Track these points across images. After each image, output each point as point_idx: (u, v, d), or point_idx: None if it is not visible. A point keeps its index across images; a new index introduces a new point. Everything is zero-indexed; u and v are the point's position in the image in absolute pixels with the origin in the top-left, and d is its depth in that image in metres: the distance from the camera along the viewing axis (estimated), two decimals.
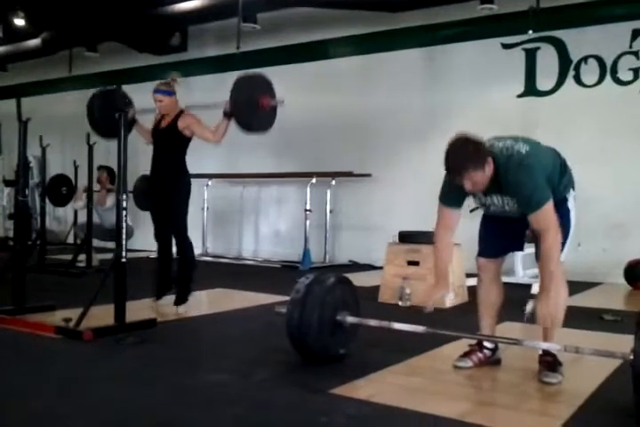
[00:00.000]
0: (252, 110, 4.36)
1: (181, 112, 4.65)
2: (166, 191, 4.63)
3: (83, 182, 7.36)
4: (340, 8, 7.91)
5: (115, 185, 5.73)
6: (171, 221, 4.67)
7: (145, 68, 9.96)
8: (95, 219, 7.12)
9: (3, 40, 10.32)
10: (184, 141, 4.63)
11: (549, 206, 2.79)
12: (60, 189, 7.46)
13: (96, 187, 7.24)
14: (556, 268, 2.84)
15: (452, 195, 3.06)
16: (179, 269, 4.74)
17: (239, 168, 8.98)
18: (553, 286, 2.79)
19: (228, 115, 4.41)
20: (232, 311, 4.83)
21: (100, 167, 7.36)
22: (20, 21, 9.60)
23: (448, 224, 3.16)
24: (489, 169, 2.79)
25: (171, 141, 4.63)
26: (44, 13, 9.39)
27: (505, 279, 6.45)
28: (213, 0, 8.17)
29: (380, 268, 5.68)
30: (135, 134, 4.79)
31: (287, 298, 3.19)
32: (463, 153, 2.75)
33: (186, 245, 4.68)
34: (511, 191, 2.86)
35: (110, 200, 7.11)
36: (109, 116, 4.22)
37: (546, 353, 3.03)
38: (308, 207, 7.94)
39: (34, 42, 10.09)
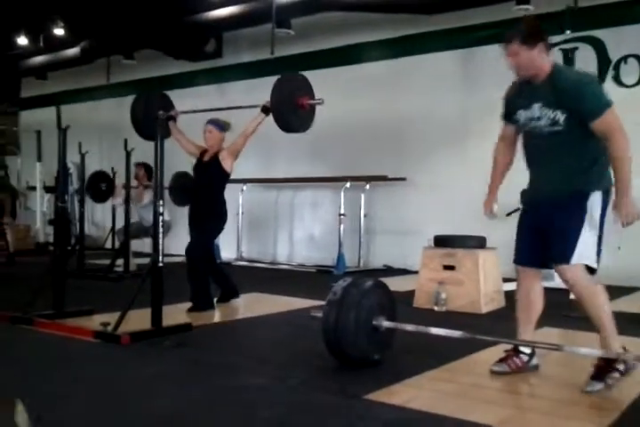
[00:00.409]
0: (292, 110, 4.43)
1: (221, 149, 4.99)
2: (200, 221, 4.98)
3: (121, 180, 7.44)
4: (373, 11, 7.90)
5: (152, 182, 5.81)
6: (192, 236, 5.04)
7: (181, 75, 10.10)
8: (134, 218, 7.20)
9: (43, 49, 10.58)
10: (224, 176, 4.98)
11: (613, 110, 2.81)
12: (99, 186, 7.54)
13: (134, 183, 7.33)
14: (629, 169, 2.78)
15: (505, 110, 3.23)
16: (193, 280, 5.01)
17: (274, 173, 9.02)
18: (626, 186, 2.77)
19: (265, 111, 4.59)
20: (267, 316, 4.84)
21: (138, 164, 7.43)
22: (59, 31, 9.83)
23: (504, 135, 3.29)
24: (538, 57, 2.86)
25: (212, 176, 4.96)
26: (82, 23, 9.60)
27: (544, 284, 6.36)
28: (248, 6, 8.26)
29: (415, 272, 5.64)
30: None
31: (322, 303, 3.18)
32: (519, 26, 2.90)
33: (199, 259, 4.98)
34: (566, 99, 2.82)
35: (147, 197, 7.16)
36: (151, 119, 4.46)
37: (601, 357, 2.93)
38: (342, 212, 7.93)
39: (73, 51, 10.33)
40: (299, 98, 4.43)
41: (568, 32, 6.80)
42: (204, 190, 5.00)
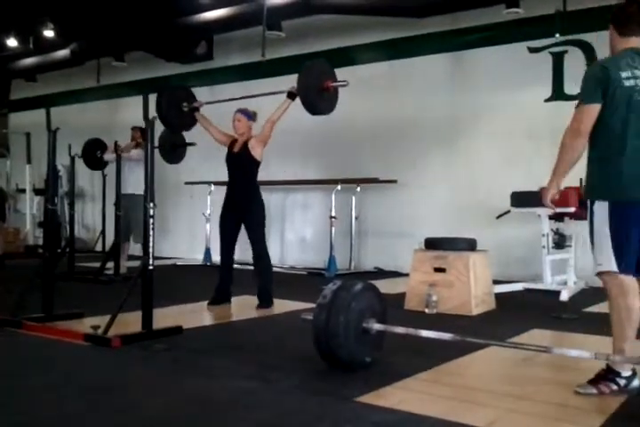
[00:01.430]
0: (318, 93, 4.70)
1: (250, 137, 5.16)
2: (246, 210, 5.12)
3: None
4: (365, 14, 7.92)
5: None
6: (252, 234, 5.15)
7: (172, 77, 10.09)
8: (124, 184, 7.04)
9: (33, 51, 10.53)
10: (255, 165, 5.16)
11: (582, 108, 2.80)
12: (94, 153, 7.45)
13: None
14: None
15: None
16: (260, 277, 5.19)
17: (264, 175, 8.98)
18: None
19: (292, 96, 4.82)
20: (258, 318, 4.84)
21: (134, 127, 7.33)
22: (49, 33, 9.79)
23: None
24: (612, 38, 2.84)
25: (244, 165, 5.14)
26: (72, 24, 9.56)
27: (533, 286, 6.42)
28: (238, 9, 8.26)
29: (406, 275, 5.65)
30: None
31: (313, 305, 3.18)
32: None
33: (265, 255, 5.20)
34: None
35: (136, 151, 6.91)
36: (176, 112, 4.87)
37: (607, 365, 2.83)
38: (333, 214, 7.94)
39: (62, 52, 10.28)
40: (324, 81, 4.72)
41: (557, 35, 6.85)
42: (241, 180, 5.14)
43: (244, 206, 5.12)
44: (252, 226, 5.14)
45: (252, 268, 5.87)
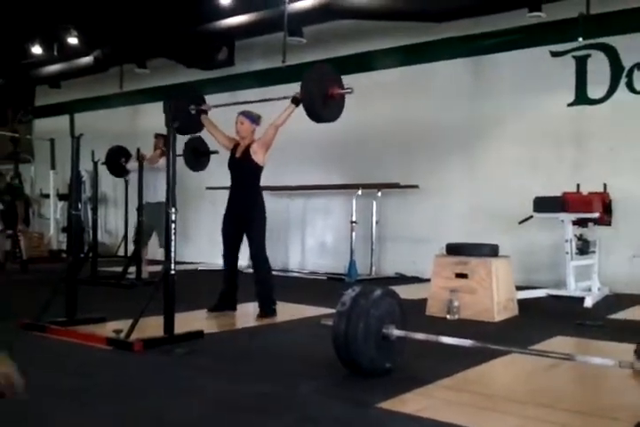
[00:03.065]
0: (323, 100, 4.52)
1: (252, 142, 5.05)
2: (247, 215, 5.02)
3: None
4: (385, 19, 7.92)
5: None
6: (251, 240, 5.03)
7: (193, 83, 10.15)
8: (146, 198, 7.08)
9: (57, 58, 10.69)
10: (257, 170, 5.04)
11: None
12: (118, 160, 7.48)
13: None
14: None
15: None
16: (259, 285, 5.04)
17: (285, 181, 9.03)
18: None
19: (296, 102, 4.64)
20: (279, 323, 4.84)
21: (157, 135, 7.32)
22: (72, 40, 9.94)
23: None
24: None
25: (246, 170, 5.04)
26: (95, 32, 9.69)
27: (556, 292, 6.34)
28: (259, 15, 8.30)
29: (428, 280, 5.62)
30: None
31: (333, 310, 3.18)
32: None
33: (264, 261, 5.05)
34: None
35: (162, 161, 6.88)
36: (183, 115, 4.78)
37: None
38: (353, 219, 7.93)
39: (86, 59, 10.42)
40: (329, 88, 4.53)
41: (580, 39, 6.79)
42: (243, 185, 5.07)
43: (245, 212, 5.03)
44: (252, 231, 5.02)
45: (273, 273, 5.87)
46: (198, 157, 5.96)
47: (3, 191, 8.90)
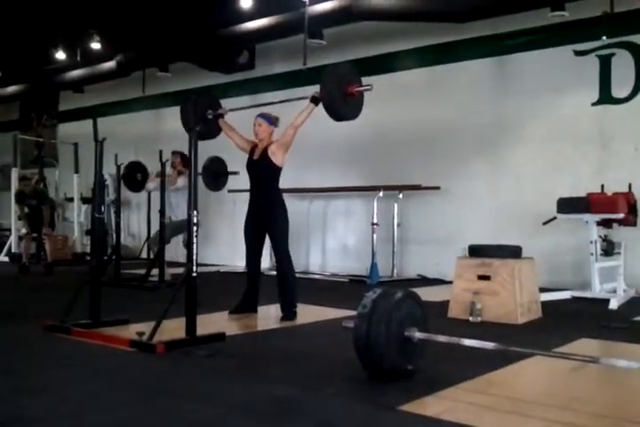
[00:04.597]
0: (342, 98, 4.54)
1: (270, 143, 5.04)
2: (269, 216, 5.02)
3: (156, 168, 7.33)
4: (406, 20, 7.89)
5: (187, 168, 5.86)
6: (274, 241, 5.06)
7: (214, 87, 10.22)
8: (167, 213, 7.14)
9: (80, 63, 10.83)
10: (276, 171, 5.02)
11: None
12: (135, 176, 7.52)
13: (170, 172, 7.33)
14: None
15: None
16: (282, 286, 5.05)
17: (306, 183, 9.04)
18: None
19: (315, 101, 4.64)
20: (300, 326, 4.84)
21: (174, 152, 7.41)
22: (95, 45, 10.06)
23: None
24: None
25: (265, 172, 5.03)
26: (118, 36, 9.80)
27: (581, 294, 6.27)
28: (280, 18, 8.33)
29: (450, 282, 5.58)
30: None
31: (354, 313, 3.17)
32: None
33: (288, 261, 5.06)
34: None
35: (181, 181, 7.12)
36: (200, 119, 4.79)
37: None
38: (375, 221, 7.90)
39: (109, 64, 10.55)
40: (348, 86, 4.55)
41: (604, 38, 6.71)
42: (262, 187, 5.05)
43: (266, 214, 5.02)
44: (275, 233, 5.02)
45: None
46: (217, 177, 5.95)
47: (29, 195, 9.03)
